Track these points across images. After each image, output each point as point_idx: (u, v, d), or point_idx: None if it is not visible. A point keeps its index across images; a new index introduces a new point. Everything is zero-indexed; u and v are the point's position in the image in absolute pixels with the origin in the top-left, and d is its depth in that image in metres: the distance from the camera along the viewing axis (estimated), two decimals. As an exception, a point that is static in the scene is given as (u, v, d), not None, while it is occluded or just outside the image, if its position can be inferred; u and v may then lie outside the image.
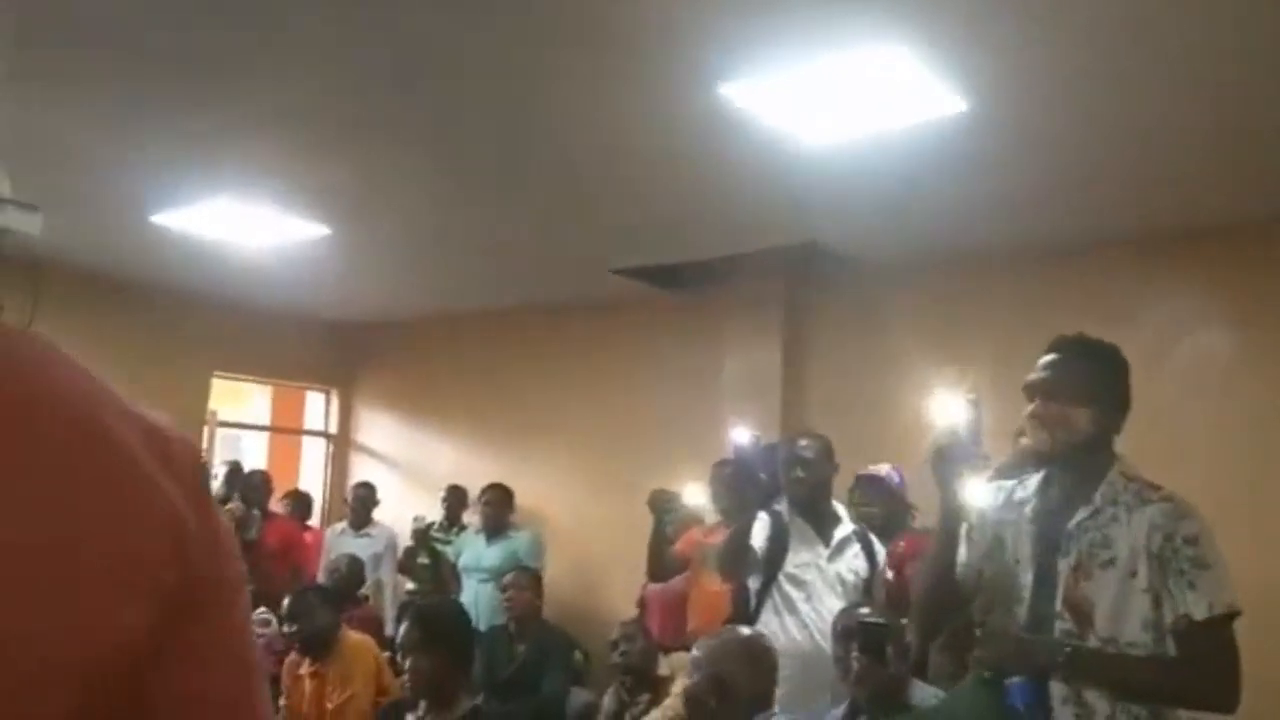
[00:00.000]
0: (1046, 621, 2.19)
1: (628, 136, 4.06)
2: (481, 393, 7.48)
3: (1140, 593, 2.10)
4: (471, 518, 6.63)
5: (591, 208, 5.01)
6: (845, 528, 3.81)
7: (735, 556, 3.69)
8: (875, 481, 4.30)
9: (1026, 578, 2.25)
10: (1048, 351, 2.34)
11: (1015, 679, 2.13)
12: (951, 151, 3.99)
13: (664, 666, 4.56)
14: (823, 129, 3.83)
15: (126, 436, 0.66)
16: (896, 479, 4.34)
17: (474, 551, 6.19)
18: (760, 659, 2.89)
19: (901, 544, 4.05)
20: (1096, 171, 4.24)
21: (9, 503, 0.59)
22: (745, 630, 3.12)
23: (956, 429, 2.25)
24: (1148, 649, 2.09)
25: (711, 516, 4.93)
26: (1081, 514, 2.20)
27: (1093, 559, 2.16)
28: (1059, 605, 2.17)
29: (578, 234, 5.47)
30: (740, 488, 3.84)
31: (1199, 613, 2.04)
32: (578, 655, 5.57)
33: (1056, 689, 2.13)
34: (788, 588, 3.67)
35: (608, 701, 4.57)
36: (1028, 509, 2.30)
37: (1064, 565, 2.19)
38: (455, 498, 6.86)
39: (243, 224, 5.37)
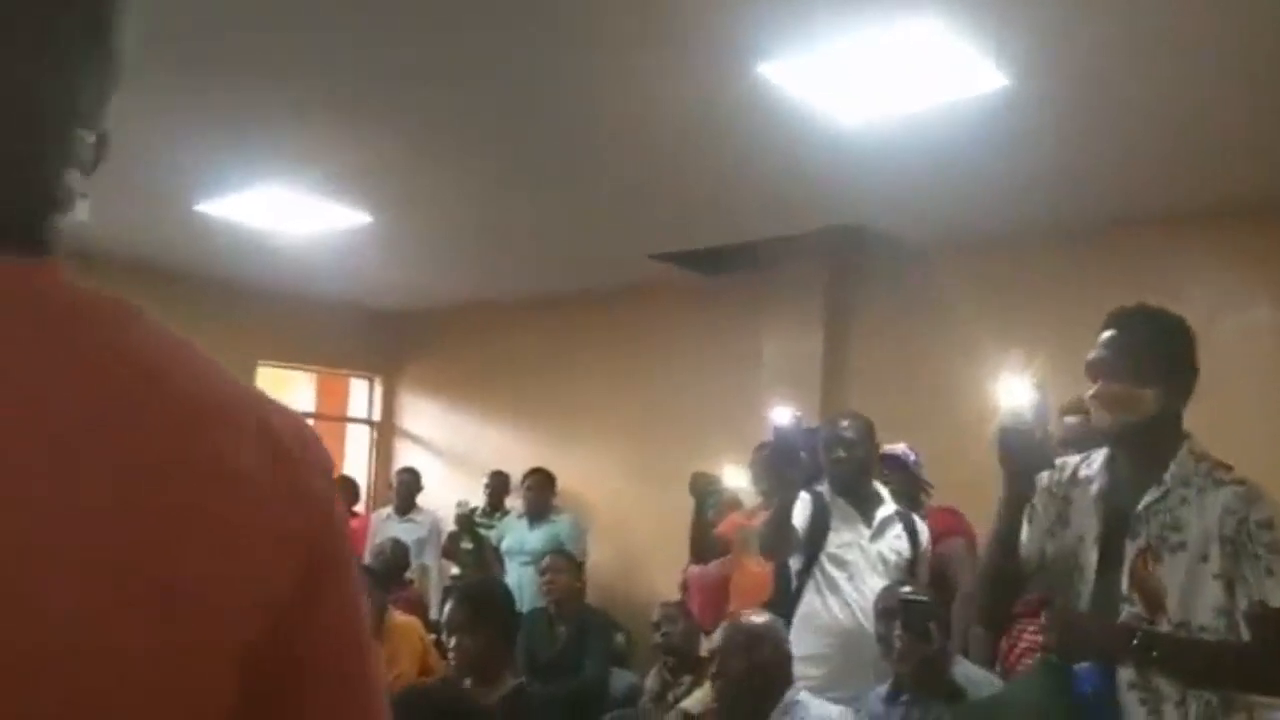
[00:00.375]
0: (1112, 603, 2.14)
1: (666, 120, 4.06)
2: (523, 379, 7.52)
3: (1212, 578, 2.05)
4: (514, 502, 6.69)
5: (631, 192, 5.01)
6: (887, 508, 3.79)
7: (777, 536, 3.68)
8: (891, 459, 4.30)
9: (1091, 557, 2.19)
10: (1106, 326, 2.24)
11: (1083, 664, 2.09)
12: (993, 128, 3.95)
13: (705, 648, 4.57)
14: (862, 107, 3.80)
15: (274, 421, 0.72)
16: (912, 458, 4.34)
17: (517, 535, 6.25)
18: (783, 641, 3.06)
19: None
20: (1139, 146, 4.18)
21: (187, 474, 0.65)
22: (762, 615, 3.21)
23: (1021, 410, 2.18)
24: (1219, 634, 2.04)
25: (751, 500, 4.93)
26: (1151, 495, 2.13)
27: (1163, 542, 2.10)
28: (1126, 588, 2.12)
29: (618, 219, 5.48)
30: (780, 468, 3.82)
31: (1276, 599, 1.99)
32: (619, 638, 5.60)
33: (1123, 674, 2.09)
34: (830, 568, 3.66)
35: (650, 682, 4.59)
36: (1093, 487, 2.24)
37: (1132, 547, 2.13)
38: (498, 483, 6.91)
39: (287, 212, 5.43)
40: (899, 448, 4.37)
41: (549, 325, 7.37)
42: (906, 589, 3.24)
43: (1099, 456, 2.29)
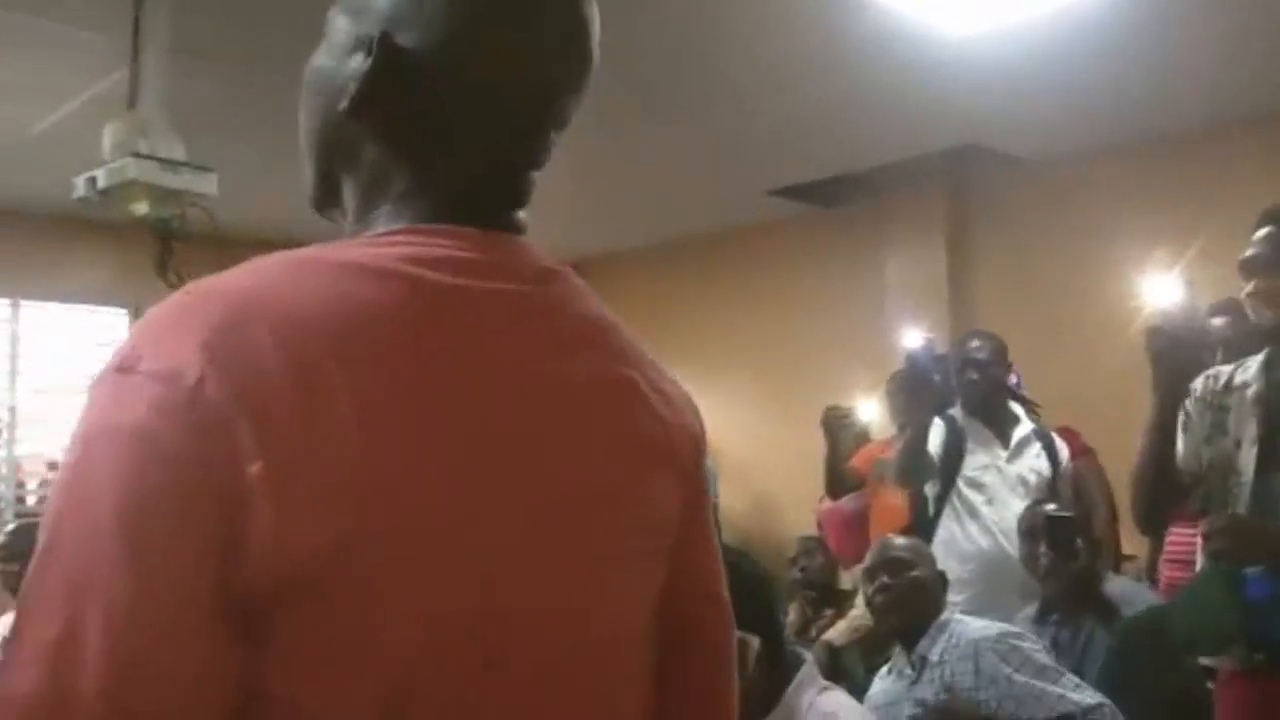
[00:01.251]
0: (1273, 506, 2.09)
1: (774, 50, 3.97)
2: (647, 325, 7.37)
3: None
4: (644, 448, 6.74)
5: (745, 129, 4.93)
6: (1024, 428, 3.70)
7: (912, 463, 3.64)
8: None
9: (1248, 460, 2.15)
10: (1262, 222, 2.21)
11: (1252, 569, 2.04)
12: (1120, 27, 3.74)
13: (846, 581, 4.56)
14: (974, 16, 3.66)
15: (659, 374, 0.95)
16: (1014, 380, 4.21)
17: (648, 480, 6.30)
18: (935, 561, 2.98)
19: None
20: (1274, 39, 3.91)
21: (650, 424, 0.88)
22: (907, 538, 3.15)
23: (1170, 309, 2.15)
24: None
25: (883, 431, 4.87)
26: None
27: None
28: None
29: (733, 157, 5.40)
30: (913, 393, 3.76)
31: None
32: (759, 577, 5.62)
33: None
34: (967, 492, 3.60)
35: (792, 616, 4.61)
36: (1250, 391, 2.19)
37: None
38: (627, 430, 6.97)
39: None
40: None
41: (670, 270, 7.35)
42: (1050, 506, 3.16)
43: (1254, 362, 2.23)
